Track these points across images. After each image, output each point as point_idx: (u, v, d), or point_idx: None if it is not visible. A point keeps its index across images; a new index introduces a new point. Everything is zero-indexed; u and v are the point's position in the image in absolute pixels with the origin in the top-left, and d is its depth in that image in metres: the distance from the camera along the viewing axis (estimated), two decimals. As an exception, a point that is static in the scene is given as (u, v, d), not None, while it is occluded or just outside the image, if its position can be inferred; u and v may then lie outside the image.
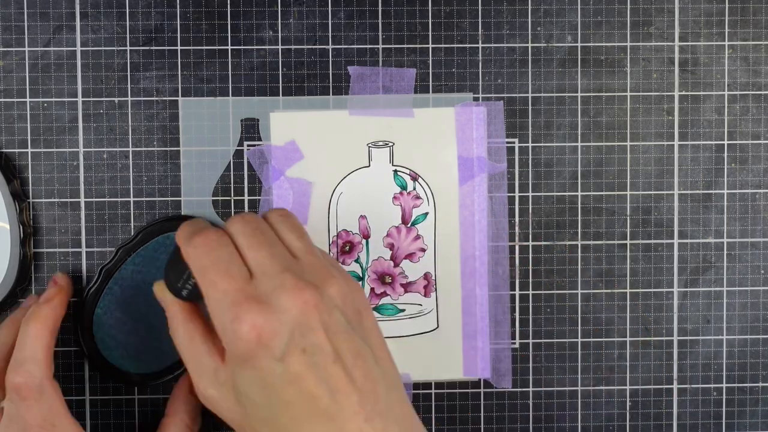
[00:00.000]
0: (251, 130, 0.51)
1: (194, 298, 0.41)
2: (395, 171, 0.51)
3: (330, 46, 0.51)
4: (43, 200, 0.50)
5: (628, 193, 0.51)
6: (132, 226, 0.50)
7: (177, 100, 0.50)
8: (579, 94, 0.51)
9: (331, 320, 0.37)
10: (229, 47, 0.50)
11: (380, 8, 0.51)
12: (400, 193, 0.51)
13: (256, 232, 0.40)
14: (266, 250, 0.39)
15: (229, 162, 0.51)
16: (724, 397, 0.52)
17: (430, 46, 0.51)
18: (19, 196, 0.49)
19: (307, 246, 0.40)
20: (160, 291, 0.42)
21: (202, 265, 0.39)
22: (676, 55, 0.51)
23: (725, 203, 0.52)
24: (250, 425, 0.38)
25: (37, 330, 0.42)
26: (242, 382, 0.38)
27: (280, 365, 0.36)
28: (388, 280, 0.51)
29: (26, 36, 0.50)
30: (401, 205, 0.51)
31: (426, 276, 0.51)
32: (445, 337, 0.51)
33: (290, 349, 0.36)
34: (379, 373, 0.38)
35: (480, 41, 0.51)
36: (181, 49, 0.50)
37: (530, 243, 0.51)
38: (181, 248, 0.40)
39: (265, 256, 0.39)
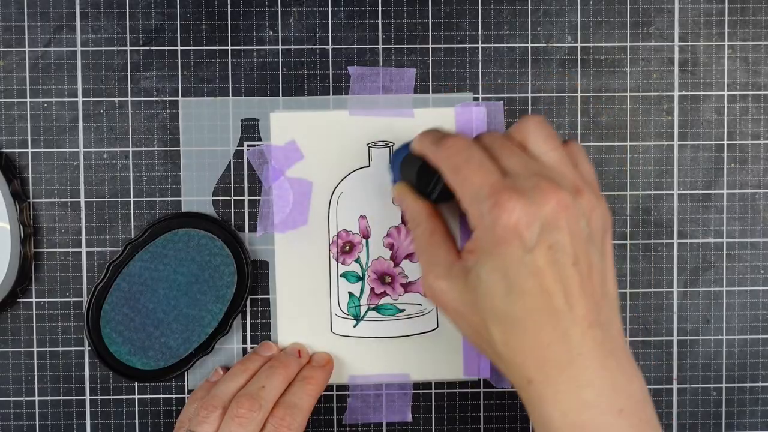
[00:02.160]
0: (251, 130, 0.51)
1: (443, 200, 0.44)
2: (395, 171, 0.51)
3: (330, 46, 0.51)
4: (44, 200, 0.50)
5: (628, 193, 0.51)
6: (132, 226, 0.50)
7: (177, 100, 0.50)
8: (579, 94, 0.51)
9: (576, 227, 0.39)
10: (229, 47, 0.51)
11: (380, 8, 0.51)
12: (400, 193, 0.51)
13: (505, 143, 0.41)
14: (519, 157, 0.41)
15: (229, 162, 0.51)
16: (724, 397, 0.52)
17: (430, 46, 0.51)
18: (19, 196, 0.49)
19: (561, 157, 0.41)
20: (402, 192, 0.45)
21: (454, 163, 0.41)
22: (676, 55, 0.51)
23: (725, 203, 0.52)
24: (477, 313, 0.40)
25: (310, 390, 0.48)
26: (486, 271, 0.39)
27: (528, 255, 0.38)
28: (388, 280, 0.51)
29: (26, 36, 0.50)
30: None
31: (426, 276, 0.51)
32: (445, 337, 0.51)
33: (539, 242, 0.38)
34: (605, 291, 0.40)
35: (480, 41, 0.51)
36: (181, 49, 0.50)
37: (530, 243, 0.51)
38: (428, 152, 0.43)
39: (518, 161, 0.40)
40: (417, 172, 0.44)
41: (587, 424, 0.38)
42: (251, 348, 0.51)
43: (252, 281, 0.50)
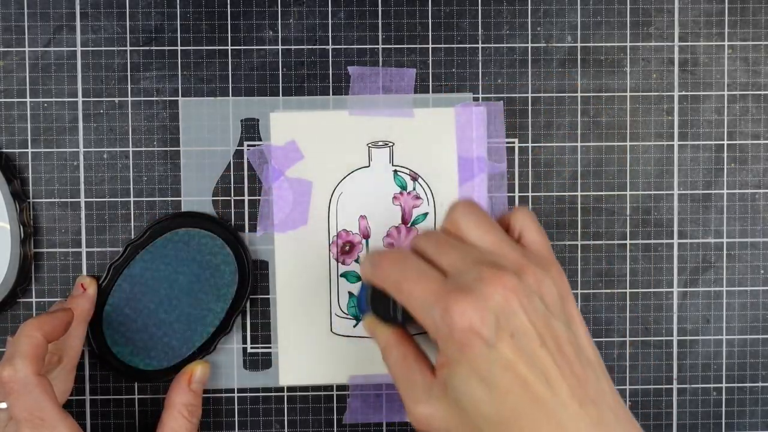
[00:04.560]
0: (251, 130, 0.51)
1: (409, 319, 0.41)
2: (395, 171, 0.51)
3: (330, 46, 0.51)
4: (44, 200, 0.50)
5: (628, 193, 0.51)
6: (132, 226, 0.50)
7: (177, 100, 0.50)
8: (579, 94, 0.51)
9: (531, 306, 0.37)
10: (229, 47, 0.51)
11: (380, 8, 0.51)
12: (400, 193, 0.51)
13: (440, 240, 0.40)
14: (456, 252, 0.39)
15: (229, 162, 0.51)
16: (724, 397, 0.52)
17: (430, 46, 0.51)
18: (19, 196, 0.49)
19: (498, 238, 0.40)
20: (369, 324, 0.43)
21: (394, 280, 0.39)
22: (676, 55, 0.51)
23: (725, 203, 0.52)
24: (468, 427, 0.38)
25: (30, 330, 0.43)
26: (459, 382, 0.37)
27: (494, 351, 0.36)
28: (388, 280, 0.51)
29: (26, 36, 0.50)
30: (401, 205, 0.51)
31: (426, 276, 0.51)
32: (445, 337, 0.51)
33: (500, 334, 0.36)
34: (585, 360, 0.38)
35: (480, 41, 0.51)
36: (181, 49, 0.50)
37: (530, 243, 0.51)
38: (369, 277, 0.41)
39: (455, 257, 0.39)
40: (372, 300, 0.42)
41: None
42: (252, 348, 0.51)
43: (253, 280, 0.50)
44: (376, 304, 0.42)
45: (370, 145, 0.51)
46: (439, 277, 0.38)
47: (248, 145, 0.51)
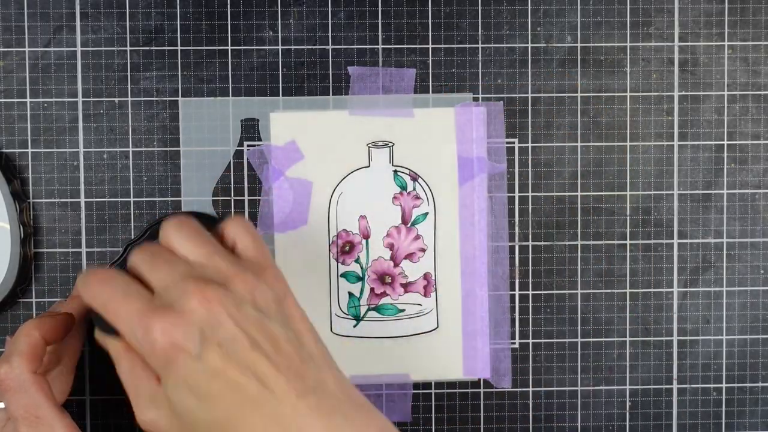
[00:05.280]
0: (251, 130, 0.51)
1: None
2: (395, 171, 0.51)
3: (330, 46, 0.51)
4: (43, 200, 0.50)
5: (628, 193, 0.51)
6: (132, 226, 0.50)
7: (177, 101, 0.50)
8: (579, 94, 0.51)
9: (240, 314, 0.38)
10: (229, 47, 0.51)
11: (380, 8, 0.51)
12: (400, 193, 0.51)
13: (152, 255, 0.40)
14: (165, 268, 0.39)
15: (229, 162, 0.51)
16: (724, 397, 0.52)
17: (430, 46, 0.51)
18: (19, 196, 0.49)
19: (209, 251, 0.40)
20: (101, 338, 0.43)
21: (102, 301, 0.40)
22: (676, 56, 0.51)
23: (725, 203, 0.52)
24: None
25: (28, 329, 0.43)
26: (173, 392, 0.38)
27: (200, 363, 0.37)
28: (388, 280, 0.51)
29: (26, 36, 0.50)
30: (401, 205, 0.51)
31: (426, 276, 0.51)
32: (445, 337, 0.51)
33: (205, 346, 0.37)
34: (306, 354, 0.39)
35: (480, 41, 0.51)
36: (181, 49, 0.50)
37: (530, 243, 0.51)
38: (83, 296, 0.41)
39: (165, 272, 0.39)
40: (95, 318, 0.41)
41: None
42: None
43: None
44: (99, 322, 0.42)
45: (370, 145, 0.51)
46: (145, 295, 0.39)
47: (248, 145, 0.51)
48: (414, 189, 0.51)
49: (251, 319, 0.38)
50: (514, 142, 0.51)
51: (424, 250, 0.51)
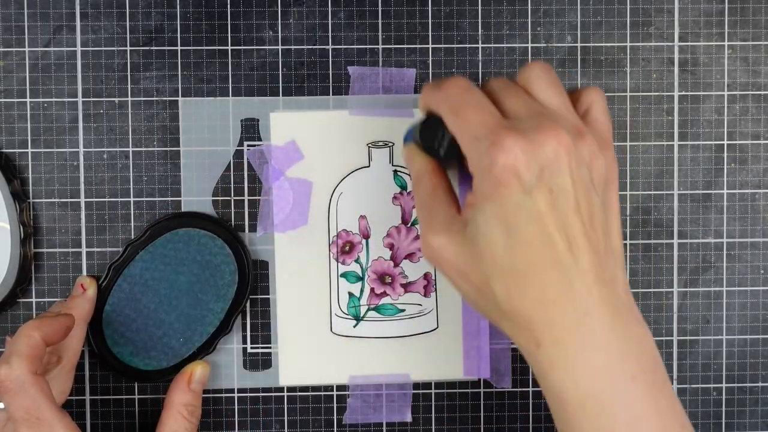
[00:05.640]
0: (251, 130, 0.51)
1: (450, 155, 0.41)
2: (395, 171, 0.51)
3: (330, 46, 0.51)
4: (43, 200, 0.50)
5: (628, 193, 0.51)
6: (132, 226, 0.50)
7: (177, 100, 0.50)
8: (579, 94, 0.51)
9: (578, 171, 0.37)
10: (229, 47, 0.51)
11: (380, 8, 0.51)
12: (400, 193, 0.51)
13: (510, 85, 0.40)
14: (521, 99, 0.39)
15: (229, 162, 0.51)
16: (724, 397, 0.52)
17: (430, 46, 0.51)
18: (19, 196, 0.49)
19: (566, 102, 0.39)
20: (408, 152, 0.43)
21: (454, 105, 0.39)
22: (676, 55, 0.51)
23: (725, 203, 0.52)
24: (478, 269, 0.38)
25: (28, 330, 0.43)
26: (484, 220, 0.37)
27: (527, 199, 0.36)
28: (388, 280, 0.51)
29: (26, 36, 0.50)
30: (401, 205, 0.51)
31: (426, 276, 0.51)
32: (445, 337, 0.51)
33: (539, 184, 0.36)
34: (609, 247, 0.38)
35: (480, 41, 0.51)
36: (181, 49, 0.50)
37: (530, 243, 0.51)
38: (428, 100, 0.40)
39: (520, 103, 0.39)
40: (420, 126, 0.41)
41: (600, 392, 0.36)
42: (251, 348, 0.51)
43: (253, 280, 0.50)
44: (424, 133, 0.41)
45: (370, 145, 0.51)
46: (498, 114, 0.38)
47: (248, 145, 0.51)
48: (414, 189, 0.51)
49: (584, 182, 0.37)
50: (514, 142, 0.51)
51: (424, 250, 0.51)
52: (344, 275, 0.51)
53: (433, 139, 0.41)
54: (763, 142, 0.52)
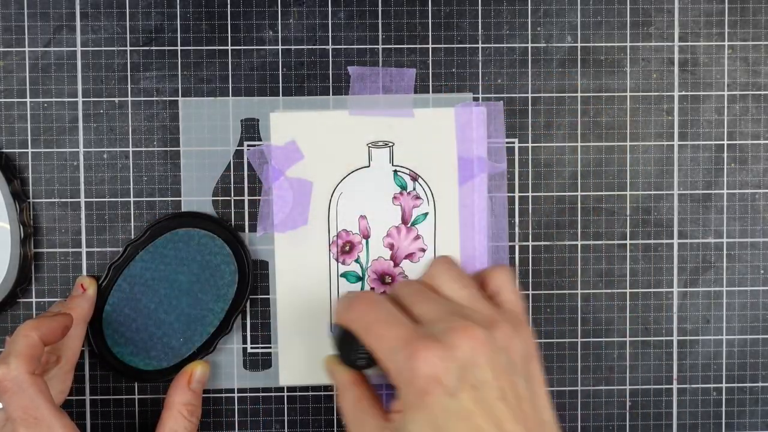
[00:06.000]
0: (251, 130, 0.51)
1: (370, 365, 0.43)
2: (395, 171, 0.51)
3: (330, 46, 0.51)
4: (43, 200, 0.50)
5: (628, 193, 0.51)
6: (132, 226, 0.50)
7: (177, 100, 0.50)
8: (579, 94, 0.51)
9: (496, 360, 0.38)
10: (229, 47, 0.51)
11: (380, 8, 0.51)
12: (400, 193, 0.51)
13: (418, 290, 0.42)
14: (431, 302, 0.41)
15: (229, 162, 0.51)
16: (724, 397, 0.52)
17: (430, 46, 0.51)
18: (19, 196, 0.49)
19: (472, 294, 0.41)
20: (329, 365, 0.45)
21: (366, 323, 0.41)
22: (676, 55, 0.51)
23: (725, 203, 0.52)
24: None
25: (26, 330, 0.43)
26: (415, 426, 0.38)
27: (453, 401, 0.37)
28: (388, 280, 0.51)
29: (26, 36, 0.50)
30: (401, 205, 0.51)
31: (426, 276, 0.51)
32: (445, 337, 0.51)
33: (462, 384, 0.37)
34: (540, 419, 0.39)
35: (480, 41, 0.51)
36: (181, 49, 0.50)
37: (530, 243, 0.51)
38: (341, 318, 0.42)
39: (429, 307, 0.40)
40: (338, 341, 0.44)
41: None
42: (251, 348, 0.51)
43: (253, 280, 0.50)
44: (341, 346, 0.43)
45: (370, 145, 0.51)
46: (410, 324, 0.40)
47: (248, 145, 0.51)
48: (414, 189, 0.51)
49: (504, 368, 0.38)
50: (514, 142, 0.51)
51: (424, 250, 0.51)
52: (344, 275, 0.51)
53: (351, 352, 0.43)
54: (763, 142, 0.52)
